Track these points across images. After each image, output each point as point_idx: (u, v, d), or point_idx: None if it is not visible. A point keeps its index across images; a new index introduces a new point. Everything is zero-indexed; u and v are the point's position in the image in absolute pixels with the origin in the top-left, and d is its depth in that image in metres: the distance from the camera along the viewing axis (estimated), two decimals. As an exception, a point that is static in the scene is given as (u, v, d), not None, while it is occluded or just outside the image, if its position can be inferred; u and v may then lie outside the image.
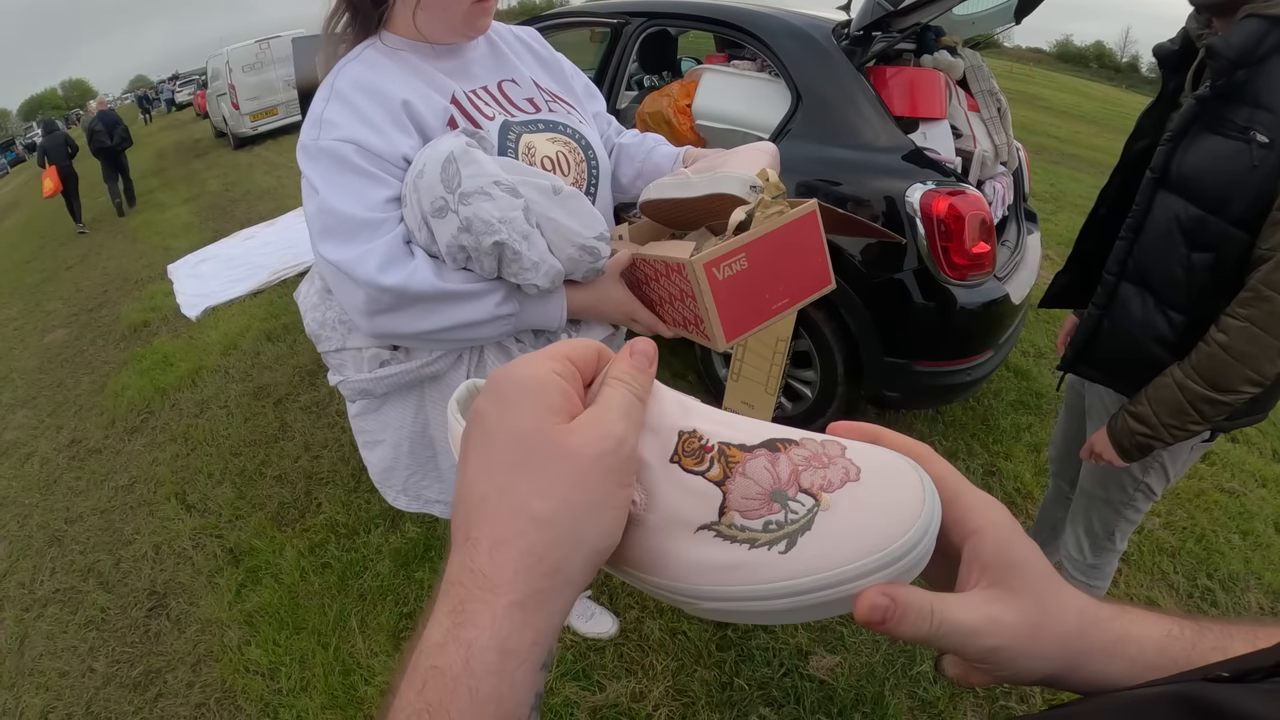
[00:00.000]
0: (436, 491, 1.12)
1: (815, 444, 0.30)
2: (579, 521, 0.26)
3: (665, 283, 0.88)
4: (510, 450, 0.27)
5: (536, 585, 0.25)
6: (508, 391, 0.28)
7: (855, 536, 0.26)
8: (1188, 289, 1.04)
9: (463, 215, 0.78)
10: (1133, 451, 1.16)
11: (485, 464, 0.27)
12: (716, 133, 2.50)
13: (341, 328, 0.99)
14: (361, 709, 1.65)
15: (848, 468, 0.28)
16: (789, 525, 0.27)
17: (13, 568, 2.36)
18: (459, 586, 0.25)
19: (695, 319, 0.85)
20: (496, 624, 0.24)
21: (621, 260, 0.94)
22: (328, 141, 0.83)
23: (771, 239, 0.82)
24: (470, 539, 0.26)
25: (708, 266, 0.78)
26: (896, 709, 1.57)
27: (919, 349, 2.08)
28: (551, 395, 0.28)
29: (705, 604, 0.28)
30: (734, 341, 0.84)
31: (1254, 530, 2.14)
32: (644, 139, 1.15)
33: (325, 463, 2.57)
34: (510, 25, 1.08)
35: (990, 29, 2.78)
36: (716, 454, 0.29)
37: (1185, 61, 1.12)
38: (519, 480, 0.26)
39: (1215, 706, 0.22)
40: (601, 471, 0.26)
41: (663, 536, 0.28)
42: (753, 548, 0.27)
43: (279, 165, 9.33)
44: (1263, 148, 0.92)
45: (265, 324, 3.89)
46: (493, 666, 0.24)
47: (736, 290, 0.81)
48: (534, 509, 0.26)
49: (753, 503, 0.27)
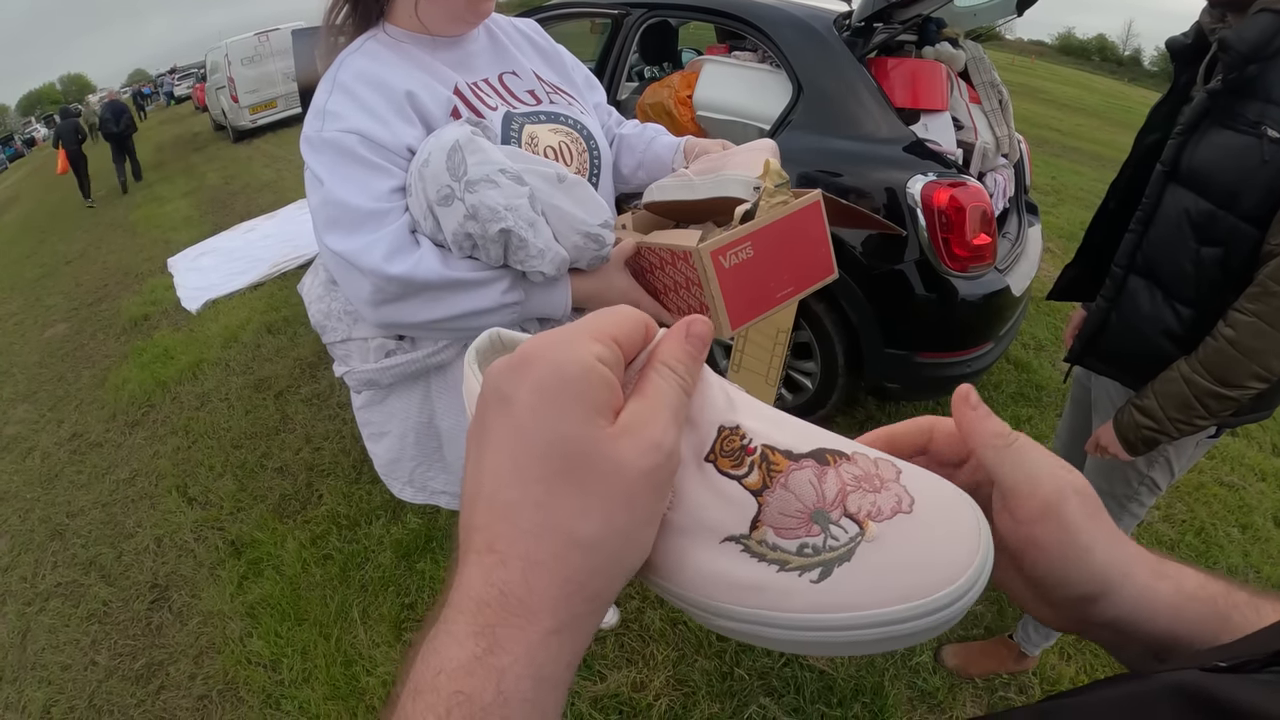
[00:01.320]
0: (442, 483, 1.12)
1: (868, 461, 0.27)
2: (623, 545, 0.24)
3: (670, 270, 0.88)
4: (550, 458, 0.23)
5: (575, 612, 0.23)
6: (547, 382, 0.24)
7: (898, 576, 0.24)
8: (1196, 283, 1.03)
9: (469, 203, 0.78)
10: (1138, 446, 1.16)
11: (515, 465, 0.24)
12: (717, 124, 2.49)
13: (347, 318, 0.99)
14: (363, 700, 1.66)
15: (901, 496, 0.26)
16: (826, 552, 0.24)
17: (15, 562, 2.36)
18: (486, 607, 0.22)
19: (700, 306, 0.86)
20: (532, 652, 0.22)
21: (626, 249, 0.94)
22: (331, 133, 0.83)
23: (777, 228, 0.83)
24: (496, 552, 0.23)
25: (714, 254, 0.79)
26: (896, 699, 1.58)
27: (920, 340, 2.08)
28: (598, 390, 0.24)
29: (719, 620, 0.26)
30: (737, 330, 0.84)
31: (1253, 524, 2.14)
32: (644, 129, 1.15)
33: (326, 454, 2.58)
34: (510, 17, 1.08)
35: (992, 21, 2.77)
36: (758, 458, 0.26)
37: (1198, 55, 1.11)
38: (559, 495, 0.23)
39: (1213, 697, 0.22)
40: (649, 488, 0.24)
41: (683, 540, 0.26)
42: (782, 570, 0.24)
43: (278, 158, 9.31)
44: (1274, 143, 0.91)
45: (266, 317, 3.88)
46: (527, 694, 0.22)
47: (742, 278, 0.82)
48: (577, 532, 0.23)
49: (790, 520, 0.25)
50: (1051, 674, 1.62)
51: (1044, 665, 1.63)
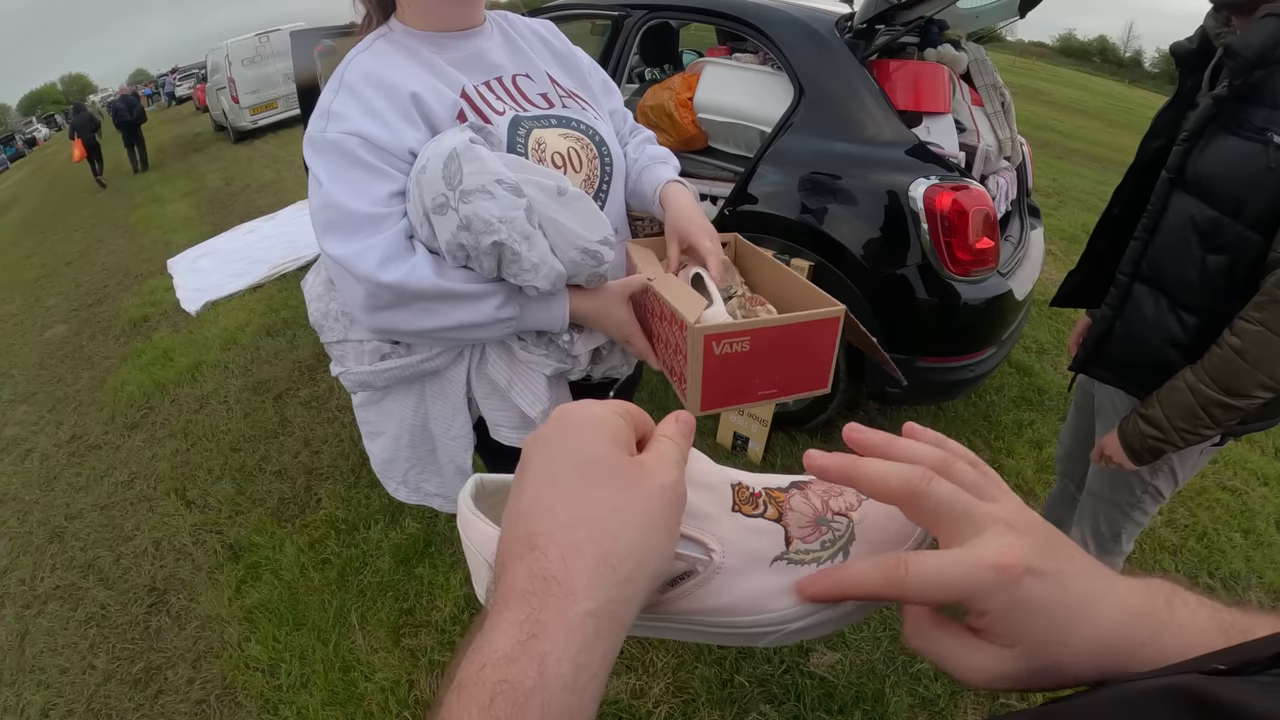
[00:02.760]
0: (435, 485, 1.12)
1: (819, 482, 0.35)
2: (647, 538, 0.27)
3: (666, 326, 0.86)
4: (581, 471, 0.28)
5: (610, 594, 0.25)
6: (576, 422, 0.30)
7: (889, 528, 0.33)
8: (1202, 291, 1.02)
9: (463, 213, 0.77)
10: (1143, 455, 1.15)
11: (552, 480, 0.28)
12: (718, 126, 2.48)
13: (344, 319, 0.99)
14: (361, 705, 1.65)
15: (855, 492, 0.34)
16: (839, 540, 0.32)
17: (13, 564, 2.36)
18: (530, 596, 0.25)
19: (680, 374, 0.83)
20: (570, 634, 0.24)
21: (633, 284, 0.92)
22: (333, 134, 0.82)
23: (784, 331, 0.79)
24: (538, 548, 0.26)
25: (708, 339, 0.76)
26: (897, 706, 1.57)
27: (921, 345, 2.07)
28: (617, 430, 0.30)
29: (792, 626, 0.31)
30: (704, 413, 0.81)
31: (1256, 528, 2.13)
32: (641, 151, 1.11)
33: (325, 458, 2.57)
34: (527, 18, 1.05)
35: (994, 23, 2.76)
36: (765, 498, 0.34)
37: (1203, 61, 1.10)
38: (592, 492, 0.27)
39: (1213, 699, 0.22)
40: (666, 500, 0.28)
41: (743, 578, 0.31)
42: (819, 564, 0.32)
43: (279, 159, 9.31)
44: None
45: (265, 319, 3.88)
46: (566, 680, 0.23)
47: (728, 368, 0.79)
48: (606, 518, 0.27)
49: (806, 530, 0.33)
50: (1054, 681, 1.61)
51: (1046, 672, 1.62)
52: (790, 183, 2.12)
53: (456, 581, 1.93)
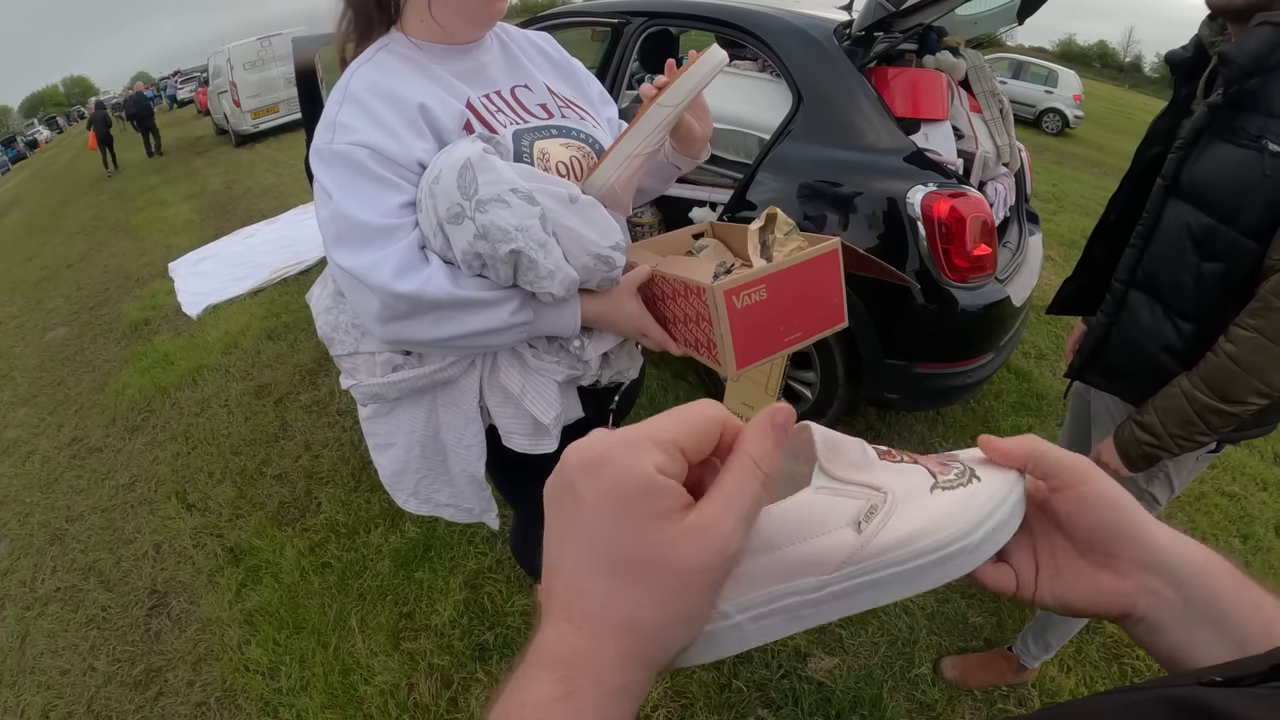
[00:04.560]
0: (447, 495, 1.11)
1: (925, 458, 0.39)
2: (677, 630, 0.28)
3: (681, 303, 0.88)
4: (612, 558, 0.27)
5: (634, 677, 0.27)
6: (610, 492, 0.27)
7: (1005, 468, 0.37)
8: (1197, 298, 1.03)
9: (479, 223, 0.77)
10: (1139, 462, 1.15)
11: (588, 557, 0.27)
12: (717, 132, 2.49)
13: (355, 331, 0.98)
14: (361, 708, 1.66)
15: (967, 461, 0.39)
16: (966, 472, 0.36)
17: (14, 566, 2.36)
18: (563, 664, 0.26)
19: (708, 342, 0.86)
20: (600, 702, 0.26)
21: (639, 276, 0.93)
22: (341, 145, 0.82)
23: (792, 273, 0.83)
24: (572, 621, 0.27)
25: (728, 293, 0.79)
26: (895, 711, 1.57)
27: (920, 351, 2.08)
28: (657, 500, 0.27)
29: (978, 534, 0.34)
30: (742, 370, 0.84)
31: (1254, 534, 2.14)
32: None
33: (325, 462, 2.57)
34: (523, 29, 1.07)
35: (993, 29, 2.77)
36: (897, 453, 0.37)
37: (1198, 68, 1.11)
38: (620, 589, 0.27)
39: (1210, 711, 0.22)
40: (704, 585, 0.27)
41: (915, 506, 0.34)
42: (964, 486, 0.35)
43: (280, 163, 9.33)
44: (1275, 157, 0.91)
45: (266, 322, 3.89)
46: None
47: (753, 319, 0.82)
48: (634, 620, 0.27)
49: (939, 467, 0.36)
50: (1050, 686, 1.61)
51: (1043, 677, 1.63)
52: (789, 190, 2.13)
53: (456, 586, 1.94)
